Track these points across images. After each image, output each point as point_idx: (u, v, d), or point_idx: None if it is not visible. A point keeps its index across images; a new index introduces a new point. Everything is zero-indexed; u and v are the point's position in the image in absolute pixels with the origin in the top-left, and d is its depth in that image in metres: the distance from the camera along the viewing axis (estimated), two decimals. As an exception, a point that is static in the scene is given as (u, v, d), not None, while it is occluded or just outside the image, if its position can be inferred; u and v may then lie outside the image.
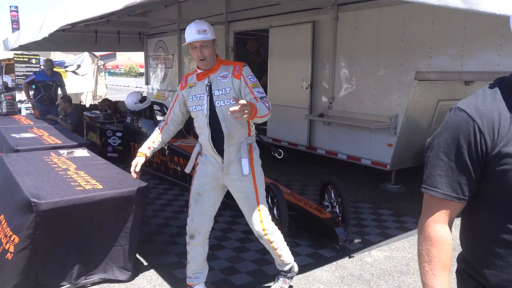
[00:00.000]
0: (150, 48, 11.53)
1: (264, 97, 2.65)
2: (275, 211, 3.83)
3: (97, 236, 3.11)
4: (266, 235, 2.82)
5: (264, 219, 2.80)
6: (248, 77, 2.70)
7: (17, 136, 5.23)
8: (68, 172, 3.62)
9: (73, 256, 3.03)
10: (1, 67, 14.02)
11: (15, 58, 11.94)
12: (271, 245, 2.87)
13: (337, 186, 4.04)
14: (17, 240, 2.80)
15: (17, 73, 11.90)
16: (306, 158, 7.16)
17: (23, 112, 8.03)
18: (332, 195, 4.13)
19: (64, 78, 9.77)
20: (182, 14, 9.20)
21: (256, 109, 2.46)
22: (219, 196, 2.90)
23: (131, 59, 41.27)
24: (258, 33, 8.66)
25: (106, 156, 5.85)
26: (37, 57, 12.21)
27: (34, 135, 5.41)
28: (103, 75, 15.98)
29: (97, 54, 14.45)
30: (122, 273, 3.19)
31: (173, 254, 3.69)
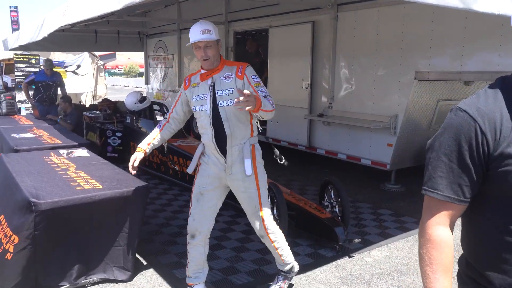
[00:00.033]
0: (150, 48, 11.52)
1: (268, 96, 2.66)
2: (275, 211, 3.83)
3: (97, 236, 3.11)
4: (268, 235, 2.83)
5: (266, 219, 2.81)
6: (252, 77, 2.70)
7: (17, 136, 5.23)
8: (68, 172, 3.62)
9: (73, 256, 3.03)
10: (1, 67, 14.01)
11: (15, 58, 11.93)
12: (273, 245, 2.88)
13: (337, 186, 4.04)
14: (17, 240, 2.80)
15: (17, 73, 11.89)
16: (306, 158, 7.15)
17: (23, 112, 8.01)
18: (332, 195, 4.13)
19: (64, 78, 9.76)
20: (182, 14, 9.20)
21: (261, 102, 2.47)
22: (221, 196, 2.90)
23: (131, 59, 41.26)
24: (258, 33, 8.65)
25: (106, 156, 5.85)
26: (37, 57, 12.19)
27: (34, 135, 5.41)
28: (103, 75, 15.97)
29: (97, 54, 14.43)
30: (122, 273, 3.19)
31: (173, 254, 3.69)
